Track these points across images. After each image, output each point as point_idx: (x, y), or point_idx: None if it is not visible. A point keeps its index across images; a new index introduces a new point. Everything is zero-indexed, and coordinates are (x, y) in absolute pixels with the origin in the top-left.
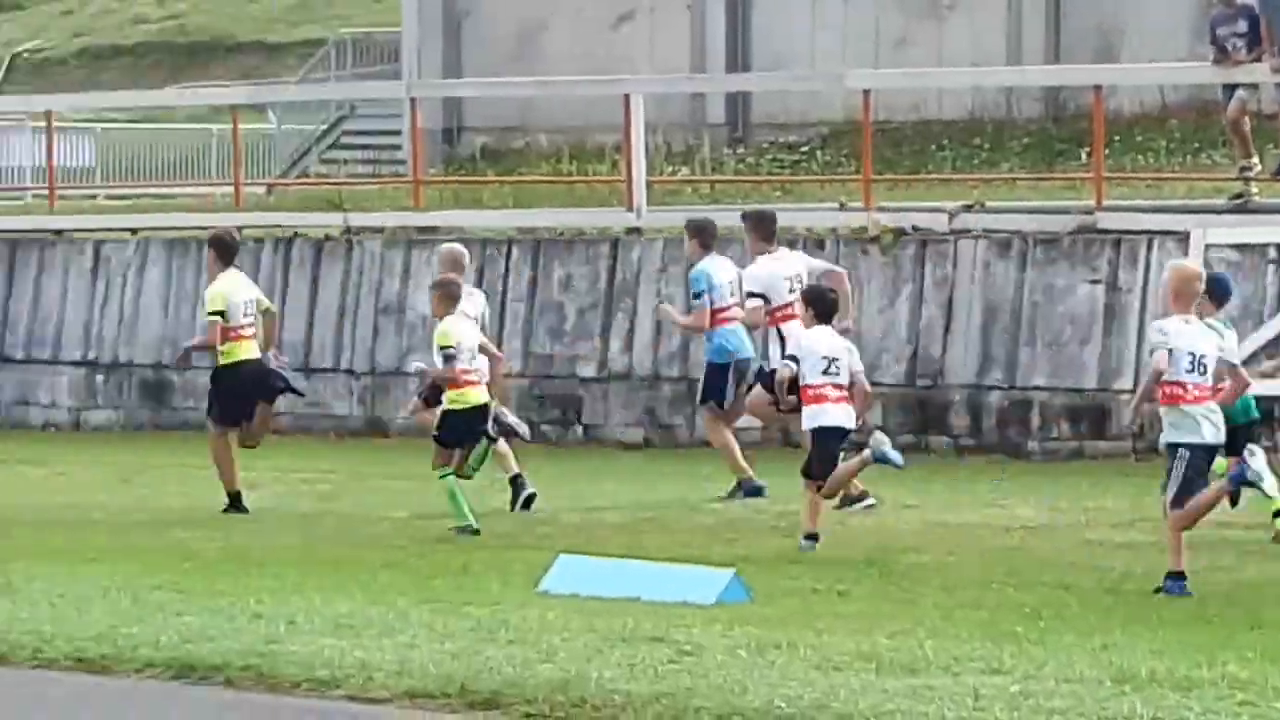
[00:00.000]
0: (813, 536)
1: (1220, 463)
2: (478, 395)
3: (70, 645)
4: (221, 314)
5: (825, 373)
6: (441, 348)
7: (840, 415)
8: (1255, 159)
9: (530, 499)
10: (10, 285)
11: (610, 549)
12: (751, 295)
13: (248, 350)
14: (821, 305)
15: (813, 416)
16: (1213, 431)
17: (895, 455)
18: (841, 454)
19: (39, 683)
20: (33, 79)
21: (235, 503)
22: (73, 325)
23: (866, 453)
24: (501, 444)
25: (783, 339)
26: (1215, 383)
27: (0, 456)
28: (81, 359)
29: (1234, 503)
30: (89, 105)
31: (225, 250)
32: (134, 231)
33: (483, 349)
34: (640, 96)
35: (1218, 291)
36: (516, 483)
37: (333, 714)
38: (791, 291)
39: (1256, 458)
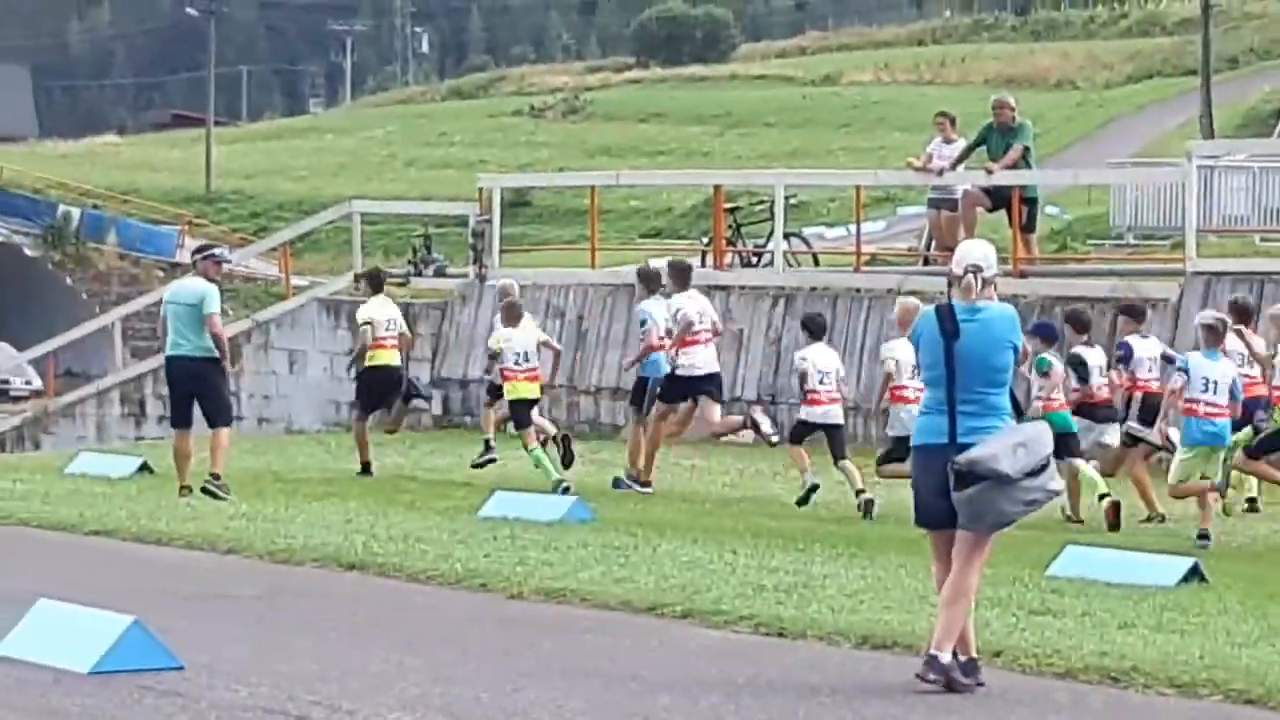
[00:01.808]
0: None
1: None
2: (529, 389)
3: None
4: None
5: (821, 383)
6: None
7: (819, 414)
8: None
9: (569, 458)
10: None
11: None
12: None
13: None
14: (814, 327)
15: (810, 415)
16: None
17: (767, 425)
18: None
19: None
20: None
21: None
22: None
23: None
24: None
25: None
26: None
27: None
28: None
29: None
30: None
31: (375, 282)
32: None
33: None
34: None
35: (1046, 333)
36: (561, 441)
37: None
38: (700, 323)
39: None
